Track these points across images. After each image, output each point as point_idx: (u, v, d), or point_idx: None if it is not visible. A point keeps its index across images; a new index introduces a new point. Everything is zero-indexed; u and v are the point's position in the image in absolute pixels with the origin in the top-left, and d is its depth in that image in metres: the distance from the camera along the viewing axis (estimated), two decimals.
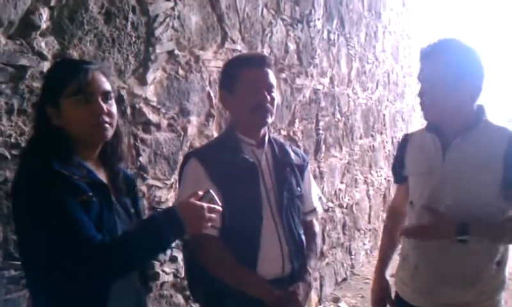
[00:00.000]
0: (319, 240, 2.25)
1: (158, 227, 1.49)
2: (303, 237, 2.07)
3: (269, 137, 2.09)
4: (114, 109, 1.59)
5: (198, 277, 1.97)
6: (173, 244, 2.55)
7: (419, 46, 2.12)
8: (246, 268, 1.88)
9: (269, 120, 1.98)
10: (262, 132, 2.02)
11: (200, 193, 1.58)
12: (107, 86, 1.57)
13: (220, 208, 1.61)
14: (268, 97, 1.94)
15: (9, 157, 1.76)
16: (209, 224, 1.58)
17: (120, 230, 1.53)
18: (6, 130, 1.77)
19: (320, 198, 2.28)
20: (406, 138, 2.23)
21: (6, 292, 1.78)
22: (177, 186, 2.29)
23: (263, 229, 1.92)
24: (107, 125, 1.55)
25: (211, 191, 1.60)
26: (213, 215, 1.57)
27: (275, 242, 1.94)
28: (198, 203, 1.54)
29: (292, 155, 2.11)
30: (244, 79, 1.95)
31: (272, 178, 2.00)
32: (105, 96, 1.56)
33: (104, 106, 1.53)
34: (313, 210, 2.21)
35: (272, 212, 1.95)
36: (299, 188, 2.06)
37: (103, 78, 1.57)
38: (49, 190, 1.39)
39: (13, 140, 1.78)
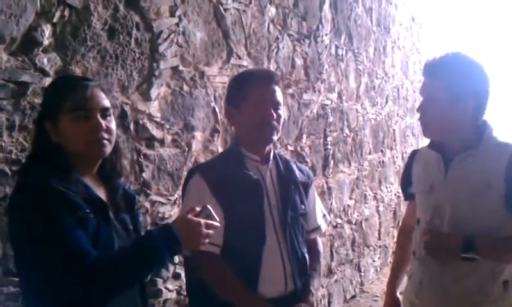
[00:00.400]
0: (322, 259, 2.21)
1: (153, 243, 1.47)
2: (307, 256, 2.04)
3: (274, 153, 2.07)
4: (113, 125, 1.58)
5: (198, 291, 1.94)
6: (176, 260, 2.54)
7: None
8: (246, 287, 1.85)
9: (275, 138, 1.97)
10: (267, 148, 2.01)
11: (198, 209, 1.56)
12: (106, 103, 1.57)
13: (218, 224, 1.58)
14: (274, 115, 1.93)
15: (9, 173, 1.76)
16: (206, 240, 1.56)
17: (117, 247, 1.52)
18: (6, 146, 1.77)
19: (324, 216, 2.24)
20: (413, 154, 2.20)
21: None
22: (181, 202, 2.27)
23: (265, 248, 1.90)
24: (105, 142, 1.54)
25: (209, 207, 1.58)
26: (210, 232, 1.55)
27: (278, 261, 1.92)
28: (195, 219, 1.52)
29: (297, 172, 2.09)
30: (251, 96, 1.93)
31: (277, 195, 1.98)
32: (104, 112, 1.55)
33: (103, 122, 1.52)
34: (317, 228, 2.18)
35: (276, 229, 1.93)
36: (303, 206, 2.04)
37: (102, 95, 1.56)
38: (45, 206, 1.38)
39: (13, 156, 1.79)
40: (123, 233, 1.60)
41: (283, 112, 2.01)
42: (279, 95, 1.98)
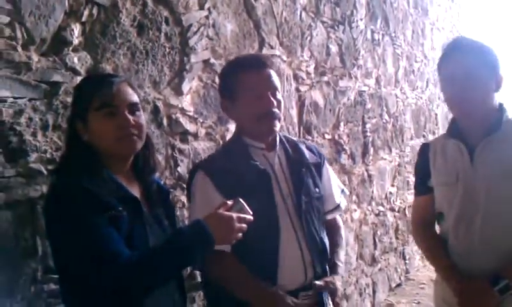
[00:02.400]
0: (343, 232, 2.11)
1: (185, 241, 1.46)
2: (326, 240, 1.96)
3: (280, 137, 1.97)
4: (142, 120, 1.58)
5: (217, 292, 1.88)
6: None
7: None
8: (261, 283, 1.77)
9: (277, 127, 1.87)
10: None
11: (229, 203, 1.53)
12: (134, 98, 1.56)
13: (251, 217, 1.54)
14: (274, 101, 1.83)
15: (45, 172, 1.78)
16: (239, 234, 1.52)
17: (151, 243, 1.51)
18: (41, 145, 1.79)
19: (342, 191, 2.13)
20: (426, 147, 2.11)
21: (46, 306, 1.80)
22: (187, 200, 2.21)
23: (281, 239, 1.82)
24: (134, 137, 1.54)
25: (241, 200, 1.54)
26: (243, 225, 1.52)
27: (295, 251, 1.84)
28: (226, 213, 1.49)
29: (307, 153, 1.99)
30: (244, 85, 1.84)
31: (288, 182, 1.89)
32: (132, 108, 1.55)
33: (131, 118, 1.52)
34: (337, 207, 2.08)
35: (291, 218, 1.85)
36: (317, 189, 1.95)
37: (129, 90, 1.56)
38: (76, 207, 1.39)
39: (48, 155, 1.80)
40: (157, 229, 1.61)
41: (282, 96, 1.90)
42: (275, 79, 1.87)
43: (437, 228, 2.13)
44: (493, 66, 1.86)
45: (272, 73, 1.88)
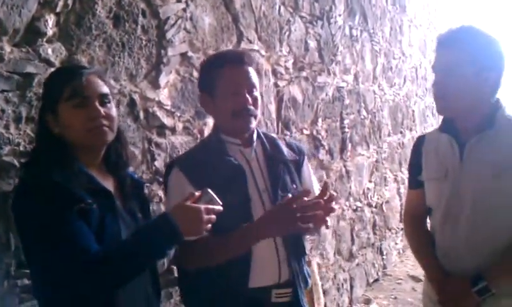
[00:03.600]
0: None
1: (150, 234, 1.44)
2: (304, 236, 1.96)
3: (258, 133, 1.97)
4: (113, 112, 1.55)
5: (191, 286, 1.89)
6: None
7: None
8: (222, 236, 1.73)
9: (253, 125, 1.87)
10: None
11: (197, 194, 1.51)
12: (104, 89, 1.54)
13: (220, 208, 1.52)
14: (250, 99, 1.83)
15: (17, 165, 1.75)
16: (208, 225, 1.50)
17: (124, 236, 1.50)
18: (14, 138, 1.75)
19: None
20: (421, 140, 2.09)
21: (19, 301, 1.77)
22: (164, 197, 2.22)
23: None
24: (105, 129, 1.51)
25: (209, 190, 1.52)
26: (212, 216, 1.50)
27: (270, 246, 1.83)
28: (193, 205, 1.47)
29: (285, 150, 1.99)
30: (221, 80, 1.84)
31: (265, 177, 1.89)
32: (103, 99, 1.53)
33: (101, 109, 1.50)
34: None
35: None
36: (294, 185, 1.94)
37: (99, 81, 1.54)
38: (45, 201, 1.37)
39: (21, 148, 1.77)
40: (130, 222, 1.59)
41: (259, 93, 1.90)
42: (253, 76, 1.87)
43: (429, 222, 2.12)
44: (484, 62, 1.76)
45: (251, 70, 1.87)
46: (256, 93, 1.87)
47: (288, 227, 1.70)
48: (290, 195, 1.75)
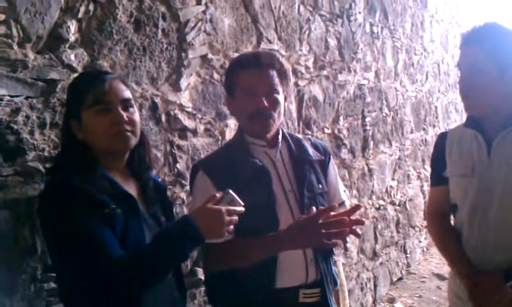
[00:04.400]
0: None
1: (172, 238, 1.44)
2: None
3: (284, 133, 1.97)
4: (135, 116, 1.57)
5: (217, 287, 1.89)
6: None
7: None
8: (245, 241, 1.74)
9: (271, 127, 1.86)
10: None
11: (218, 195, 1.51)
12: (126, 94, 1.55)
13: (242, 209, 1.52)
14: (265, 102, 1.82)
15: (43, 170, 1.77)
16: (231, 227, 1.50)
17: (148, 240, 1.50)
18: (39, 144, 1.78)
19: (344, 191, 2.14)
20: (444, 136, 2.08)
21: (46, 305, 1.79)
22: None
23: None
24: (128, 134, 1.53)
25: (231, 191, 1.52)
26: (234, 218, 1.49)
27: None
28: (215, 207, 1.47)
29: (311, 150, 1.99)
30: (240, 83, 1.85)
31: (290, 178, 1.89)
32: (125, 104, 1.54)
33: (124, 114, 1.51)
34: (342, 204, 2.04)
35: (293, 213, 1.84)
36: (320, 185, 1.94)
37: (122, 87, 1.55)
38: (69, 207, 1.39)
39: (46, 154, 1.79)
40: (154, 226, 1.59)
41: (281, 96, 1.88)
42: (272, 78, 1.85)
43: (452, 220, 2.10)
44: (508, 59, 1.75)
45: (271, 72, 1.86)
46: (277, 95, 1.86)
47: (312, 241, 1.70)
48: (314, 209, 1.73)
